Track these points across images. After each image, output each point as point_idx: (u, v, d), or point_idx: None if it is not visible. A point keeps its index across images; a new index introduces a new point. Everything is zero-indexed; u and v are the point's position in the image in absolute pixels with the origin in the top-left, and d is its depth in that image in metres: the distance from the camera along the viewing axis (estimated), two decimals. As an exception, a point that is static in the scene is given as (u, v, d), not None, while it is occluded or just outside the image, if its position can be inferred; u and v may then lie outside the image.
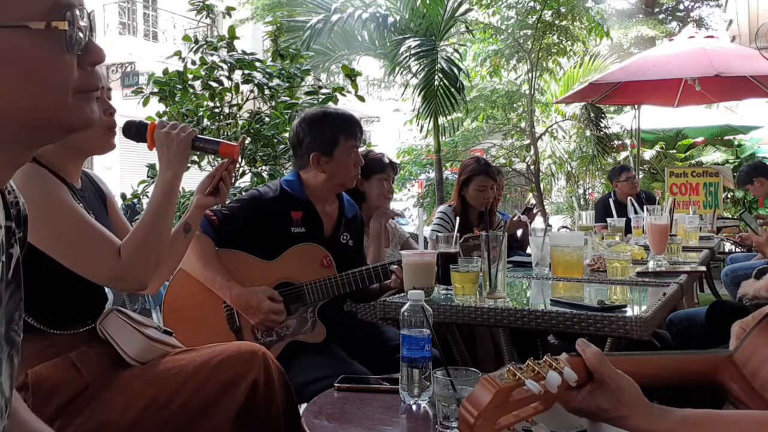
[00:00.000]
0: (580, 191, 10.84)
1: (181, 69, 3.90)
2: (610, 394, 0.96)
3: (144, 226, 1.47)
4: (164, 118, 3.86)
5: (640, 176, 6.11)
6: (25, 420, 0.93)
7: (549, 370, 0.93)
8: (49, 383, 1.39)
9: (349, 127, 2.19)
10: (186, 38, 4.09)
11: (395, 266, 2.08)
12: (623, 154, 10.16)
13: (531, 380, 0.90)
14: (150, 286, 1.70)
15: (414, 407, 1.27)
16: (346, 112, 2.26)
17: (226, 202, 2.06)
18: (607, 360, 0.99)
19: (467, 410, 0.89)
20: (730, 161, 9.91)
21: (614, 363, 1.01)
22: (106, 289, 1.60)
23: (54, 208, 1.39)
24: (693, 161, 10.05)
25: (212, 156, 3.75)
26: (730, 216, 8.02)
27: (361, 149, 2.51)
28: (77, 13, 0.69)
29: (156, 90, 3.86)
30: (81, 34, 0.69)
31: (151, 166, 3.97)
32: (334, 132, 2.16)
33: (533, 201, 9.76)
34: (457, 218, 2.60)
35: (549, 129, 10.05)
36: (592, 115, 8.24)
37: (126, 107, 1.78)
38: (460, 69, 7.18)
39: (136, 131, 1.59)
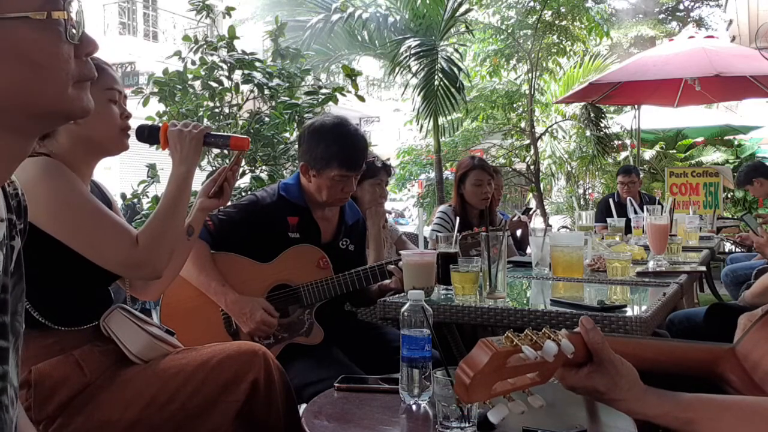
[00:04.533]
0: (580, 191, 10.83)
1: (181, 69, 3.90)
2: (609, 378, 0.97)
3: (159, 216, 1.49)
4: (164, 118, 3.87)
5: (640, 176, 6.09)
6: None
7: (546, 340, 0.93)
8: (51, 381, 1.40)
9: (348, 157, 2.09)
10: (186, 38, 4.08)
11: (392, 266, 2.08)
12: (623, 154, 10.16)
13: (528, 347, 0.91)
14: (153, 291, 1.71)
15: (414, 407, 1.27)
16: (355, 136, 2.13)
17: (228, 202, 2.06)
18: (608, 344, 1.00)
19: (464, 371, 0.89)
20: (730, 161, 9.91)
21: (614, 344, 1.01)
22: (109, 289, 1.61)
23: (72, 198, 1.41)
24: (693, 161, 10.06)
25: (213, 156, 3.76)
26: (730, 216, 8.02)
27: None
28: (77, 4, 0.72)
29: (156, 90, 3.86)
30: (76, 25, 0.72)
31: (151, 166, 3.97)
32: (328, 155, 2.08)
33: (533, 201, 9.75)
34: (457, 218, 2.60)
35: (549, 129, 10.04)
36: (592, 115, 8.23)
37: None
38: (460, 69, 7.18)
39: (149, 134, 1.63)
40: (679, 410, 0.95)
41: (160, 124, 1.64)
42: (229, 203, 2.16)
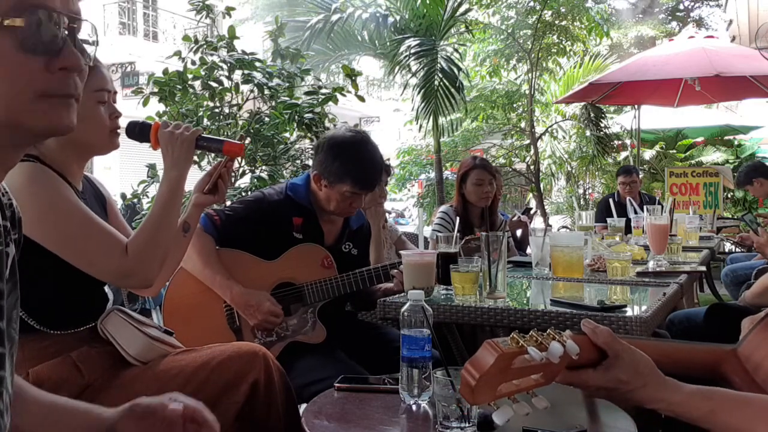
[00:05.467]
0: (580, 191, 10.83)
1: (181, 69, 3.90)
2: (627, 366, 0.98)
3: (150, 223, 1.47)
4: (164, 118, 3.87)
5: (640, 176, 6.09)
6: (34, 395, 0.94)
7: (552, 341, 0.93)
8: (49, 383, 1.39)
9: (362, 177, 2.08)
10: (186, 38, 4.09)
11: (396, 271, 2.08)
12: (623, 154, 10.17)
13: (534, 348, 0.91)
14: (151, 287, 1.70)
15: (414, 407, 1.27)
16: (373, 157, 2.12)
17: (228, 202, 2.06)
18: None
19: (469, 373, 0.89)
20: (730, 161, 9.92)
21: None
22: (106, 289, 1.60)
23: (60, 207, 1.39)
24: (693, 161, 10.06)
25: (213, 156, 3.76)
26: (730, 216, 8.03)
27: None
28: (46, 15, 0.68)
29: (156, 90, 3.86)
30: (49, 37, 0.68)
31: (151, 166, 3.97)
32: (344, 171, 2.07)
33: (533, 201, 9.75)
34: (458, 218, 2.60)
35: (549, 129, 10.05)
36: (592, 115, 8.23)
37: (126, 107, 1.79)
38: (459, 69, 7.18)
39: (139, 131, 1.59)
40: (701, 397, 0.96)
41: (152, 122, 1.61)
42: (237, 199, 2.15)
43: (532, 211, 4.26)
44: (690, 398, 0.96)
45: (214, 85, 3.86)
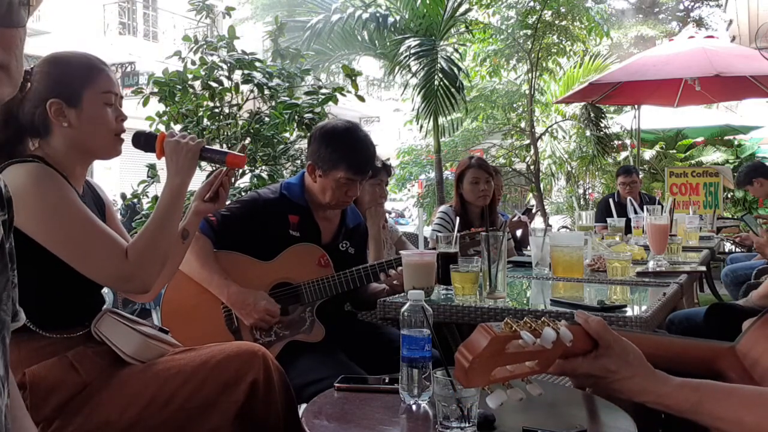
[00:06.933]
0: (580, 191, 10.82)
1: (181, 69, 3.90)
2: (617, 356, 0.98)
3: (151, 228, 1.48)
4: (164, 118, 3.87)
5: (640, 176, 6.08)
6: (21, 426, 0.93)
7: (545, 327, 0.93)
8: (47, 383, 1.39)
9: (356, 161, 2.10)
10: (186, 38, 4.09)
11: (394, 272, 2.08)
12: (623, 154, 10.16)
13: (527, 332, 0.91)
14: (148, 293, 1.70)
15: (414, 407, 1.27)
16: (365, 142, 2.14)
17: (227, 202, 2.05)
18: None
19: (463, 355, 0.89)
20: (730, 161, 9.92)
21: None
22: (104, 291, 1.60)
23: (64, 208, 1.40)
24: (693, 161, 10.05)
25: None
26: (730, 216, 8.03)
27: None
28: None
29: (156, 90, 3.86)
30: None
31: (151, 167, 3.97)
32: (337, 157, 2.09)
33: (533, 201, 9.75)
34: (458, 218, 2.59)
35: (549, 129, 10.04)
36: (592, 115, 8.23)
37: (126, 107, 1.79)
38: (459, 69, 7.18)
39: (145, 141, 1.61)
40: (689, 389, 0.96)
41: (158, 132, 1.63)
42: (232, 201, 2.15)
43: (534, 211, 4.26)
44: (678, 390, 0.96)
45: (214, 85, 3.86)
